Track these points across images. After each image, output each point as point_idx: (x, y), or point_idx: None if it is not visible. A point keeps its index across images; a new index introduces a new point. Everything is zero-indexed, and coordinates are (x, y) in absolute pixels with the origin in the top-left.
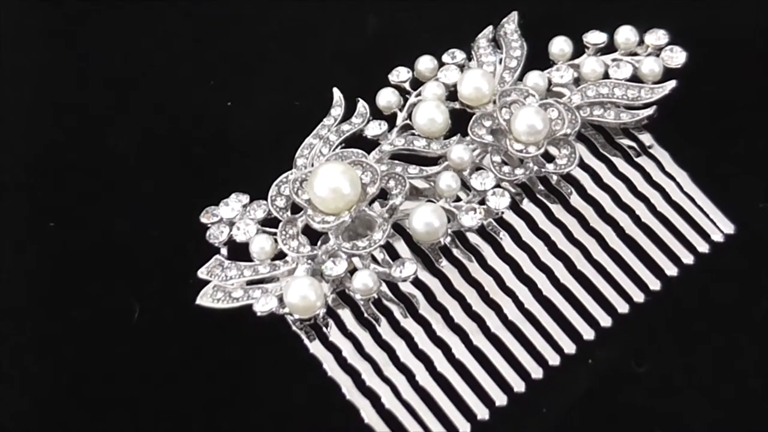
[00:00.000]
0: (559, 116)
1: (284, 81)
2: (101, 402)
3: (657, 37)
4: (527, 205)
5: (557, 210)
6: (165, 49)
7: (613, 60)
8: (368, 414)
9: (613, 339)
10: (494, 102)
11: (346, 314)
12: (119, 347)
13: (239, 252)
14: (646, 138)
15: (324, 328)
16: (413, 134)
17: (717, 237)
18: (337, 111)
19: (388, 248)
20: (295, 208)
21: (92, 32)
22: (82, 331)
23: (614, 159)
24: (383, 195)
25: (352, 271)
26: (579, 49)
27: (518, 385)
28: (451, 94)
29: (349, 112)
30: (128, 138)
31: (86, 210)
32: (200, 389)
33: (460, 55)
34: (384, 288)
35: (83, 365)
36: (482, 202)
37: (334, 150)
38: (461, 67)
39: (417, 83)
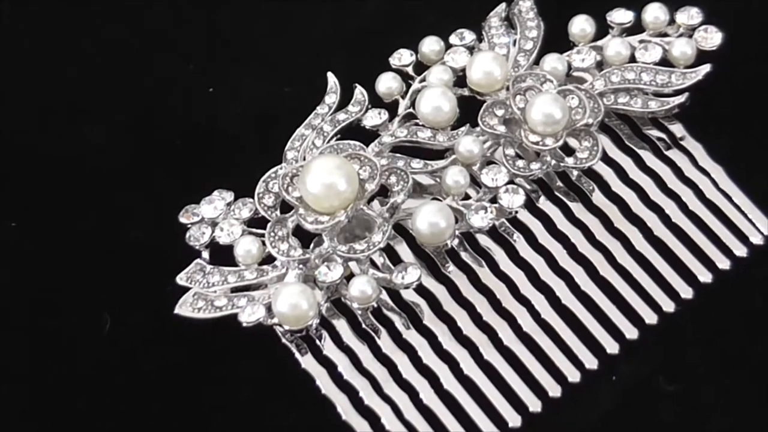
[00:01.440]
0: (580, 104)
1: (273, 64)
2: (65, 422)
3: (689, 15)
4: (544, 203)
5: (578, 209)
6: (138, 30)
7: (641, 41)
8: None
9: (639, 353)
10: (507, 88)
11: (341, 325)
12: (88, 362)
13: (223, 256)
14: (677, 129)
15: (317, 341)
16: (417, 124)
17: (756, 239)
18: (331, 98)
19: (389, 252)
20: (285, 207)
21: (59, 14)
22: (46, 344)
23: (641, 152)
24: (383, 192)
25: (349, 277)
26: (602, 30)
27: (534, 405)
28: (460, 79)
29: (345, 100)
30: (100, 130)
31: (52, 209)
32: (179, 409)
33: (469, 36)
34: (384, 296)
35: (48, 380)
36: (494, 201)
37: (328, 142)
38: (471, 50)
39: (421, 67)
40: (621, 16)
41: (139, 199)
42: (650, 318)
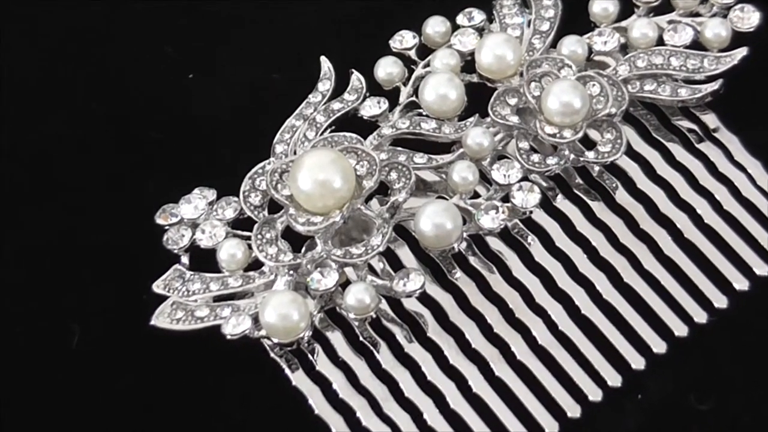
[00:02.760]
0: (602, 92)
1: (260, 48)
2: None
3: None
4: (562, 202)
5: (599, 209)
6: (108, 9)
7: (670, 22)
8: None
9: (668, 369)
10: (521, 74)
11: (336, 338)
12: (55, 377)
13: (204, 261)
14: (711, 119)
15: (310, 355)
16: (420, 114)
17: None
18: (325, 85)
19: (389, 256)
20: (274, 207)
21: None
22: (10, 357)
23: (670, 145)
24: (383, 190)
25: (345, 284)
26: (627, 9)
27: (551, 427)
28: (468, 64)
29: (340, 88)
30: (67, 121)
31: (16, 210)
32: (156, 431)
33: (478, 17)
34: (384, 305)
35: (8, 399)
36: (506, 199)
37: (321, 134)
38: (480, 31)
39: (425, 51)
40: None
41: (111, 199)
42: (680, 330)
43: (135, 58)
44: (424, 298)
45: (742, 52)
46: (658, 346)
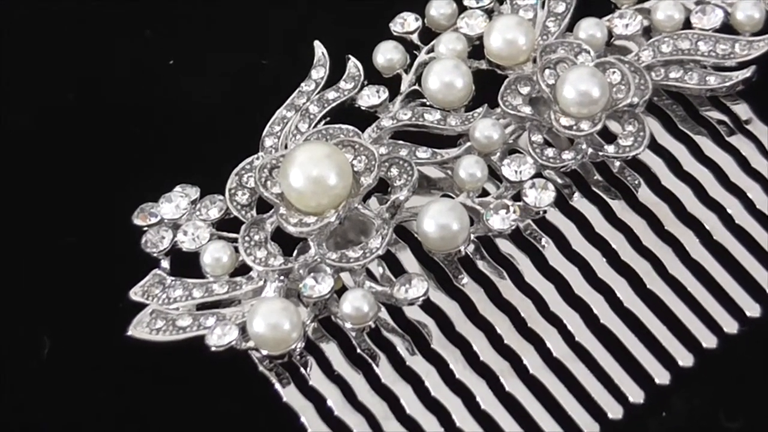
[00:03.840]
0: (623, 80)
1: (248, 33)
2: None
3: None
4: (579, 201)
5: (620, 208)
6: None
7: (697, 3)
8: None
9: (695, 384)
10: (534, 61)
11: (332, 350)
12: (23, 394)
13: (187, 265)
14: (742, 109)
15: (302, 369)
16: (424, 105)
17: None
18: (319, 73)
19: (390, 260)
20: (263, 206)
21: None
22: None
23: (698, 138)
24: (383, 188)
25: (341, 291)
26: None
27: None
28: (476, 49)
29: (336, 75)
30: (39, 114)
31: None
32: None
33: None
34: (384, 314)
35: None
36: (517, 198)
37: (315, 126)
38: (489, 13)
39: (429, 35)
40: None
41: (84, 197)
42: (708, 341)
43: (110, 42)
44: (428, 307)
45: None
46: (685, 358)
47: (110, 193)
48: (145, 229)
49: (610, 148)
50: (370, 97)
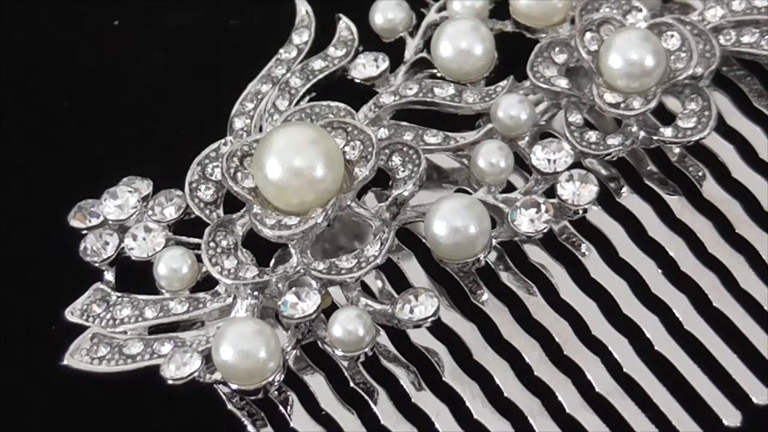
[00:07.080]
0: (683, 46)
1: None
2: None
3: None
4: (628, 198)
5: (679, 206)
6: None
7: None
8: None
9: None
10: (572, 21)
11: (318, 383)
12: None
13: (136, 277)
14: None
15: (281, 407)
16: (434, 76)
17: None
18: (302, 37)
19: (390, 271)
20: (233, 204)
21: None
22: None
23: None
24: (383, 180)
25: (330, 309)
26: None
27: None
28: (499, 6)
29: (323, 39)
30: None
31: None
32: None
33: None
34: (384, 339)
35: None
36: (551, 193)
37: (297, 104)
38: None
39: None
40: None
41: (8, 191)
42: None
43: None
44: (439, 330)
45: None
46: (759, 394)
47: (37, 187)
48: (85, 232)
49: (668, 131)
50: (367, 66)
